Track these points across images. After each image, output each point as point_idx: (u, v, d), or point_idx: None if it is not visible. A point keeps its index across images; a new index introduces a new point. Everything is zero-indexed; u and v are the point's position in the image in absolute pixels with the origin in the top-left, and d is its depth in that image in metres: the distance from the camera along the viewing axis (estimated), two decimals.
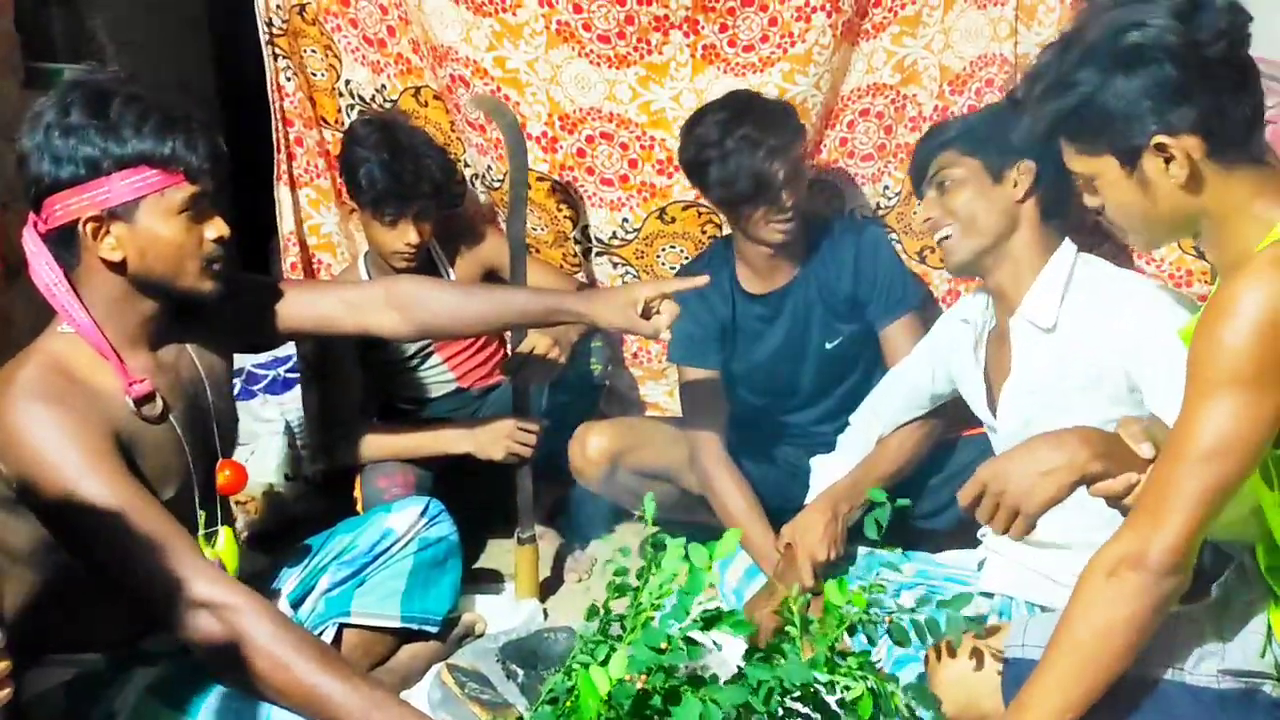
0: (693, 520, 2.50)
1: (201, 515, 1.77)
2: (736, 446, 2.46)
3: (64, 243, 1.61)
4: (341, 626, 2.09)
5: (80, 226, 1.58)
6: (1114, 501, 1.45)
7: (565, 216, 2.71)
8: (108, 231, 1.60)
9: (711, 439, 2.42)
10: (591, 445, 2.48)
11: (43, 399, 1.53)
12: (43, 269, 1.61)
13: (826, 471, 2.31)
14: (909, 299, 2.45)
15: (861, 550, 2.28)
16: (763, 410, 2.56)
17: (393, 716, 1.50)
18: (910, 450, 2.27)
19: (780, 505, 2.39)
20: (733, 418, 2.49)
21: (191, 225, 1.64)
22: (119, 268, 1.62)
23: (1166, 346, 1.67)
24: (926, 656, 1.67)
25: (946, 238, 2.00)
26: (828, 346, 2.47)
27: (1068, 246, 1.99)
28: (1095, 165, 1.43)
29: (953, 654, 1.58)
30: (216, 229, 1.67)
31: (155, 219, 1.60)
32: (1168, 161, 1.36)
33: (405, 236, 2.51)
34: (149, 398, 1.65)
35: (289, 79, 2.71)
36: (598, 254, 2.74)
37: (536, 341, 2.48)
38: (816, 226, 2.47)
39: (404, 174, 2.46)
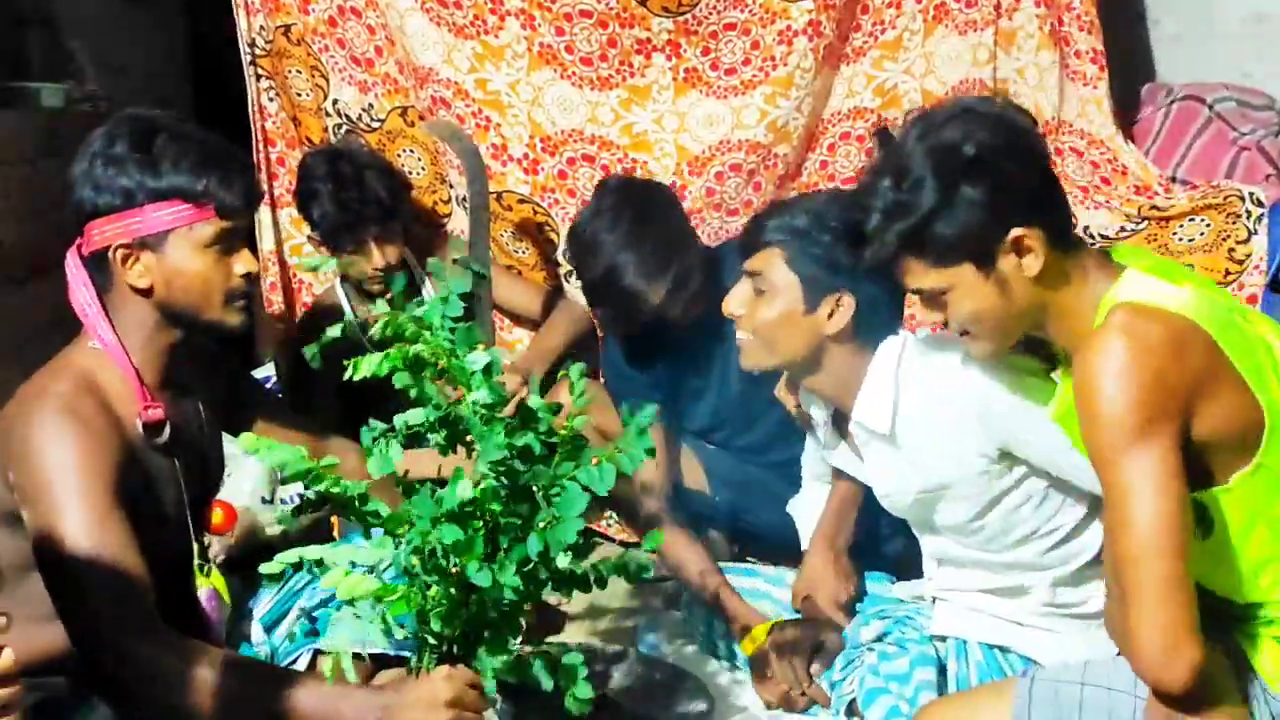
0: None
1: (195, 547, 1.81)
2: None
3: (99, 267, 1.68)
4: (316, 653, 2.06)
5: (111, 253, 1.65)
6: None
7: (546, 239, 2.70)
8: (137, 259, 1.65)
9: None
10: None
11: (73, 416, 1.58)
12: (79, 290, 1.68)
13: (807, 511, 2.24)
14: None
15: None
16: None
17: (361, 697, 1.51)
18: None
19: (769, 521, 2.36)
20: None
21: (220, 259, 1.69)
22: (146, 294, 1.68)
23: (1022, 419, 1.67)
24: None
25: (745, 338, 1.87)
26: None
27: (889, 344, 1.83)
28: (950, 276, 1.47)
29: None
30: (245, 264, 1.72)
31: (183, 251, 1.66)
32: (1021, 255, 1.44)
33: (372, 261, 2.53)
34: (159, 426, 1.70)
35: (271, 99, 2.71)
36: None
37: (506, 380, 2.45)
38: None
39: (349, 203, 2.47)
